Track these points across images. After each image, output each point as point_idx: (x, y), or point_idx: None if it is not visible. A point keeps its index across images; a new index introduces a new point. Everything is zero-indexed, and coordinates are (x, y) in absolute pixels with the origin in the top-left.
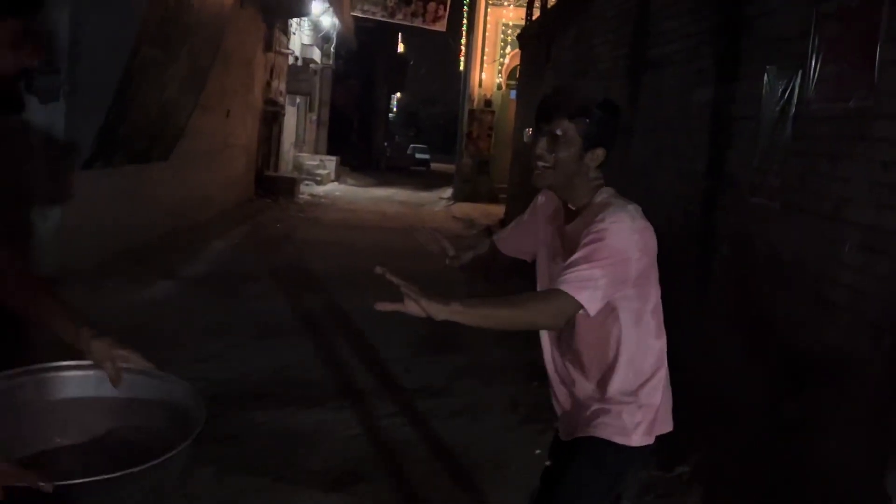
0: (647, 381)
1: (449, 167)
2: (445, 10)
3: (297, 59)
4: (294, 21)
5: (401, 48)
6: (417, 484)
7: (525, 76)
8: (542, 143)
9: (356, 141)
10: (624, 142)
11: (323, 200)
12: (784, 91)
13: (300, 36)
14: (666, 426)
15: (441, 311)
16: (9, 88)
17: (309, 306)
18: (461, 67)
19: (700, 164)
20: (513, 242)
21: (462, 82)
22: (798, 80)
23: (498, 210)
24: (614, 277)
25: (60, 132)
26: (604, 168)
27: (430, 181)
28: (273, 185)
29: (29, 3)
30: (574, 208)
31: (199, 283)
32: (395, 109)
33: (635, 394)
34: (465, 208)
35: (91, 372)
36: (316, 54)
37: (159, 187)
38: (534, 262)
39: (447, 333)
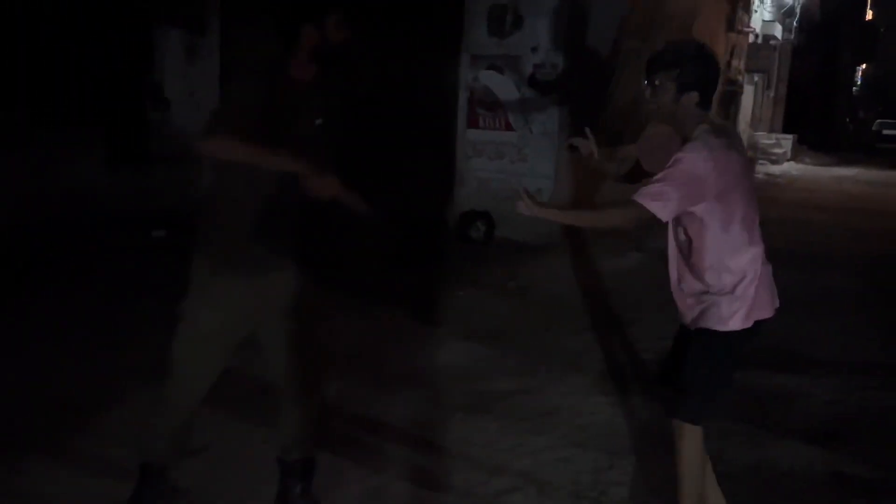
0: (742, 279)
1: None
2: None
3: (757, 36)
4: None
5: (869, 15)
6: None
7: None
8: (648, 92)
9: (815, 118)
10: None
11: (779, 180)
12: None
13: (762, 12)
14: (765, 313)
15: (540, 211)
16: (308, 93)
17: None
18: None
19: None
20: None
21: None
22: None
23: None
24: (687, 193)
25: (555, 120)
26: (703, 106)
27: None
28: None
29: (317, 8)
30: (683, 141)
31: (662, 255)
32: (859, 82)
33: (732, 289)
34: None
35: None
36: (777, 30)
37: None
38: None
39: None
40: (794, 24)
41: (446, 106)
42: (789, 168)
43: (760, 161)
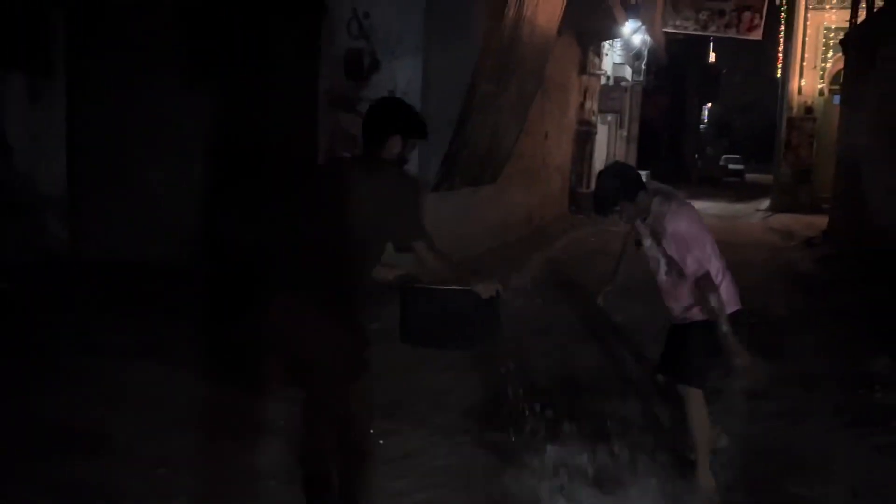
0: (721, 285)
1: (764, 177)
2: (761, 18)
3: (608, 78)
4: (606, 42)
5: (712, 57)
6: (734, 474)
7: (850, 81)
8: (618, 218)
9: (666, 154)
10: None
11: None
12: None
13: (612, 56)
14: (735, 307)
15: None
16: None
17: (626, 313)
18: (778, 74)
19: None
20: None
21: (779, 90)
22: None
23: (821, 221)
24: (700, 245)
25: (415, 162)
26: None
27: (745, 193)
28: (586, 202)
29: (417, 132)
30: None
31: (525, 291)
32: (705, 120)
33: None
34: (784, 220)
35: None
36: (627, 72)
37: (488, 206)
38: None
39: (768, 343)
40: (643, 66)
41: (310, 150)
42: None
43: None
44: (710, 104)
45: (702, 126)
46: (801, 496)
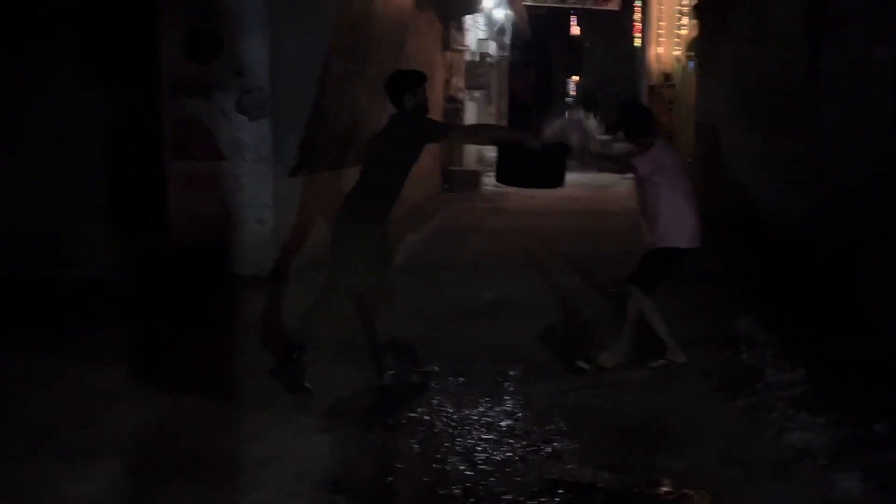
0: (684, 221)
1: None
2: None
3: (473, 54)
4: (468, 18)
5: (575, 31)
6: (608, 452)
7: (704, 47)
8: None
9: (535, 128)
10: (806, 107)
11: (507, 189)
12: None
13: (475, 32)
14: (691, 244)
15: (585, 157)
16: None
17: (503, 290)
18: (637, 44)
19: (886, 122)
20: None
21: (638, 58)
22: None
23: None
24: (652, 163)
25: (269, 146)
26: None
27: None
28: (458, 179)
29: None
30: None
31: (398, 273)
32: (572, 93)
33: (678, 226)
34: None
35: None
36: (491, 47)
37: None
38: None
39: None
40: (507, 41)
41: (153, 137)
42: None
43: (488, 173)
44: (576, 77)
45: (568, 99)
46: (672, 470)
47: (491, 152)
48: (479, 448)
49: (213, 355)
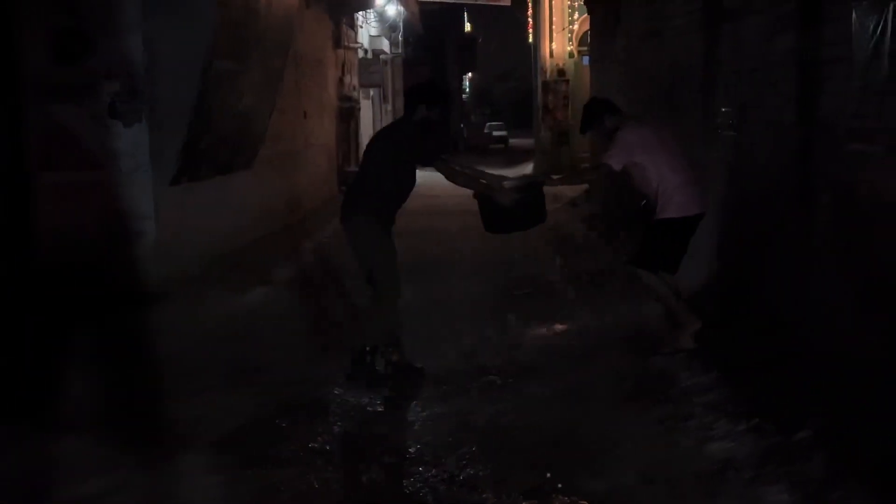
0: (675, 191)
1: (528, 142)
2: None
3: (366, 52)
4: (360, 14)
5: (468, 27)
6: (525, 474)
7: (597, 40)
8: (591, 135)
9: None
10: (703, 99)
11: None
12: (875, 28)
13: (367, 28)
14: (693, 210)
15: (549, 182)
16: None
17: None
18: (530, 40)
19: (789, 114)
20: None
21: (532, 54)
22: (890, 13)
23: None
24: (623, 153)
25: (146, 152)
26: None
27: (511, 158)
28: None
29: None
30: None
31: (292, 285)
32: (467, 90)
33: (670, 198)
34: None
35: None
36: (385, 45)
37: (247, 194)
38: None
39: (544, 312)
40: (400, 38)
41: (14, 146)
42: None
43: None
44: (470, 73)
45: (464, 96)
46: (592, 491)
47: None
48: (384, 480)
49: (82, 387)
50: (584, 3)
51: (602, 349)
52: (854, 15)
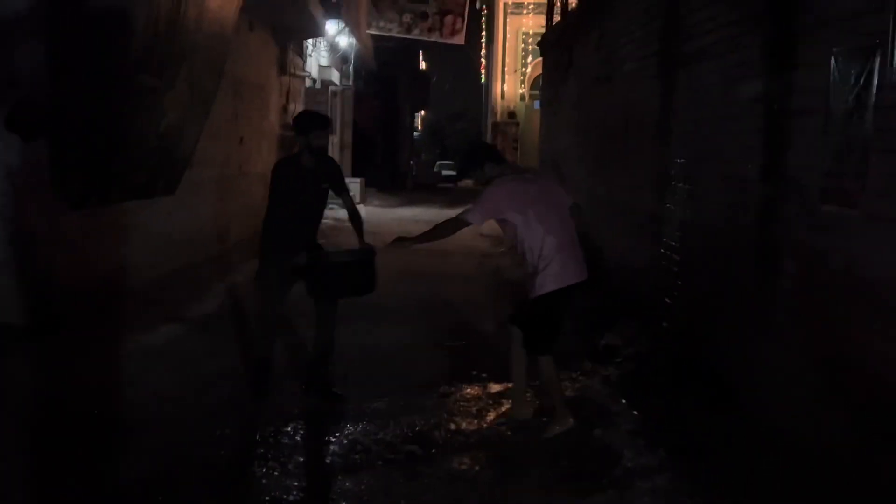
0: (552, 259)
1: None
2: (463, 22)
3: (314, 81)
4: (309, 43)
5: (423, 65)
6: None
7: (548, 84)
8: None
9: (381, 161)
10: (657, 148)
11: (346, 224)
12: (858, 77)
13: (317, 58)
14: (571, 279)
15: (406, 244)
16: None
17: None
18: (482, 80)
19: (752, 169)
20: None
21: (484, 95)
22: (877, 61)
23: None
24: (486, 208)
25: (47, 171)
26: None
27: (458, 198)
28: None
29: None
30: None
31: (207, 324)
32: (419, 127)
33: (543, 266)
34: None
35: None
36: (335, 76)
37: (167, 221)
38: None
39: (481, 367)
40: (351, 70)
41: None
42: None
43: (330, 206)
44: (422, 111)
45: (415, 133)
46: None
47: None
48: None
49: None
50: (538, 44)
51: (538, 418)
52: (833, 62)
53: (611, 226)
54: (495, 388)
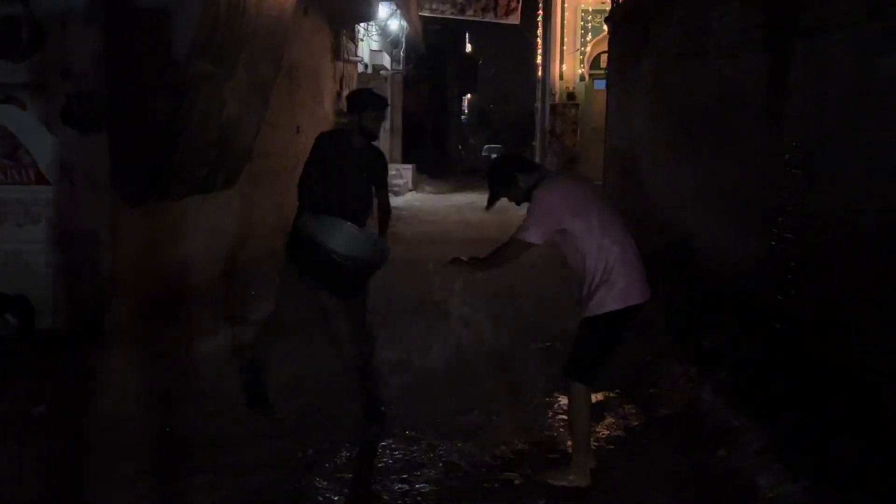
0: (617, 273)
1: None
2: (518, 2)
3: (366, 66)
4: (361, 27)
5: (469, 48)
6: None
7: (618, 62)
8: (509, 199)
9: (430, 147)
10: (764, 130)
11: (403, 213)
12: None
13: (368, 42)
14: (635, 299)
15: (464, 270)
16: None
17: (400, 342)
18: (538, 61)
19: None
20: None
21: (541, 77)
22: None
23: None
24: (544, 222)
25: (105, 166)
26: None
27: None
28: None
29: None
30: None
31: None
32: (466, 111)
33: (605, 280)
34: None
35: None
36: (385, 60)
37: (226, 216)
38: None
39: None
40: (402, 55)
41: None
42: (412, 199)
43: None
44: (469, 95)
45: (463, 117)
46: None
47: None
48: None
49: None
50: (605, 20)
51: (648, 435)
52: None
53: (701, 215)
54: (597, 396)
